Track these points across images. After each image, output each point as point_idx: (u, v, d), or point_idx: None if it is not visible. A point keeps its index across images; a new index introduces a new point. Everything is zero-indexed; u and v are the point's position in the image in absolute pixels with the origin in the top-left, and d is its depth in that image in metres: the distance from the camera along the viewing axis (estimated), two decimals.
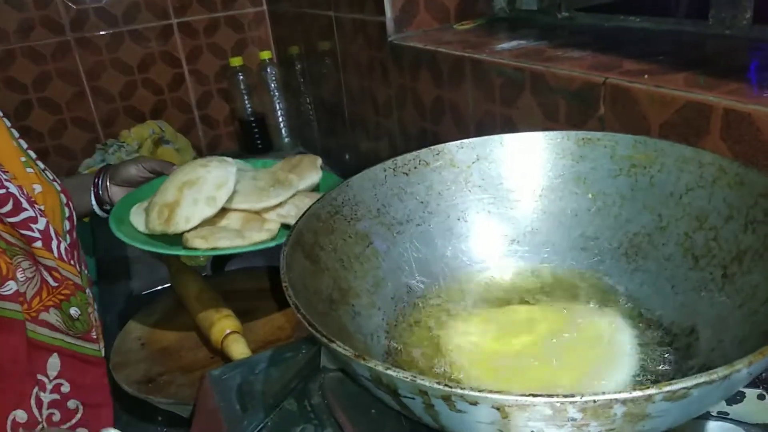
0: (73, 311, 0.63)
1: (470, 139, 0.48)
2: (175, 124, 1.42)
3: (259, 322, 0.73)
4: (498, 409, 0.23)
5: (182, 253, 0.65)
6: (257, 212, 0.70)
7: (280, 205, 0.70)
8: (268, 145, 1.47)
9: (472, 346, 0.39)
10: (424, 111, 0.89)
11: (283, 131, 1.47)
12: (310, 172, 0.75)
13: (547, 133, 0.47)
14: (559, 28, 0.84)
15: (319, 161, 0.77)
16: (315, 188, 0.76)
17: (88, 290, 0.66)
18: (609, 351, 0.37)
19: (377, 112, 1.06)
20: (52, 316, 0.60)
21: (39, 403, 0.58)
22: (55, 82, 1.33)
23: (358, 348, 0.36)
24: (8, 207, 0.57)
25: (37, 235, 0.60)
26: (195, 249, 0.64)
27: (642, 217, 0.42)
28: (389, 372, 0.25)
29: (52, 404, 0.60)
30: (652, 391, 0.21)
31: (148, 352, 0.69)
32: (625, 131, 0.53)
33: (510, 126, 0.69)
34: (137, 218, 0.71)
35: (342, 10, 1.08)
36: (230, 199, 0.68)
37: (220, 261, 0.95)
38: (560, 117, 0.61)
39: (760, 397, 0.34)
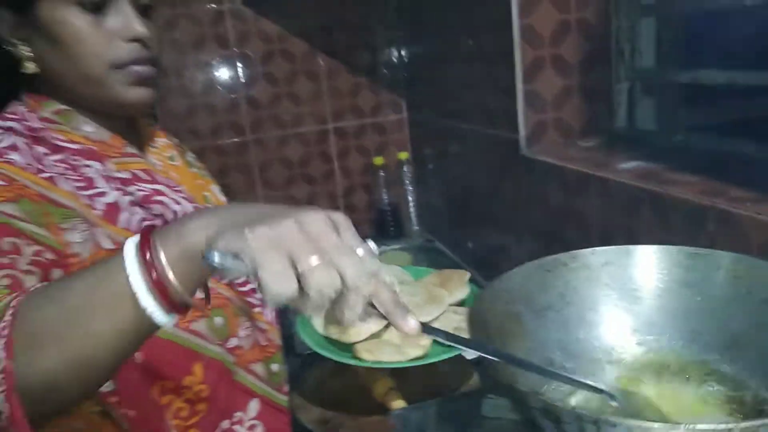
0: (274, 366, 0.80)
1: (602, 248, 0.62)
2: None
3: (408, 383, 0.88)
4: (629, 430, 0.37)
5: (352, 362, 0.79)
6: None
7: (433, 321, 0.82)
8: (399, 231, 1.67)
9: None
10: (550, 215, 1.03)
11: (413, 220, 1.67)
12: (459, 288, 0.87)
13: (663, 247, 0.60)
14: (675, 149, 0.97)
15: (467, 277, 0.89)
16: (462, 303, 0.88)
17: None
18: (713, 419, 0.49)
19: (504, 211, 1.22)
20: (259, 368, 0.78)
21: None
22: (233, 174, 1.64)
23: None
24: (242, 279, 0.78)
25: (257, 302, 0.79)
26: (362, 360, 0.79)
27: (741, 318, 0.54)
28: (557, 404, 0.39)
29: None
30: (732, 425, 0.34)
31: (322, 398, 0.86)
32: (730, 247, 0.65)
33: (630, 234, 0.82)
34: (317, 319, 0.89)
35: (477, 125, 1.28)
36: None
37: None
38: (675, 230, 0.74)
39: None
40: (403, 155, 1.64)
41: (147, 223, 0.69)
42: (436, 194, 1.59)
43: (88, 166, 0.68)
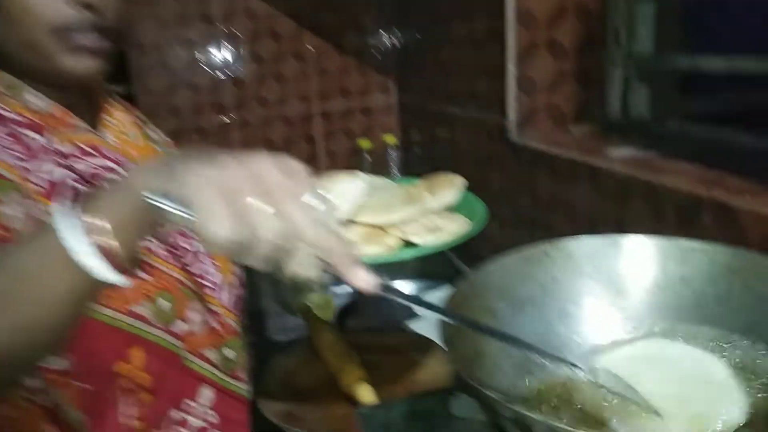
0: (228, 352, 0.75)
1: (587, 237, 0.57)
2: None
3: (382, 373, 0.83)
4: None
5: None
6: (381, 227, 0.69)
7: (405, 222, 0.70)
8: None
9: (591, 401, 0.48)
10: (538, 203, 0.99)
11: None
12: (446, 191, 0.75)
13: (654, 237, 0.56)
14: (669, 138, 0.92)
15: (459, 181, 0.77)
16: (454, 210, 0.75)
17: (245, 337, 0.79)
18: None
19: (491, 198, 1.17)
20: (212, 354, 0.73)
21: (172, 423, 0.67)
22: None
23: None
24: (189, 259, 0.73)
25: (210, 285, 0.74)
26: None
27: (735, 314, 0.50)
28: (530, 414, 0.35)
29: (199, 430, 0.69)
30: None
31: (288, 389, 0.82)
32: (726, 239, 0.60)
33: (619, 224, 0.78)
34: None
35: (466, 109, 1.23)
36: (357, 212, 0.68)
37: (343, 317, 1.08)
38: (667, 221, 0.69)
39: None
40: (390, 139, 1.59)
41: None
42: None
43: (32, 139, 0.64)
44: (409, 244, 0.69)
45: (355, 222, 0.71)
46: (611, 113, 1.07)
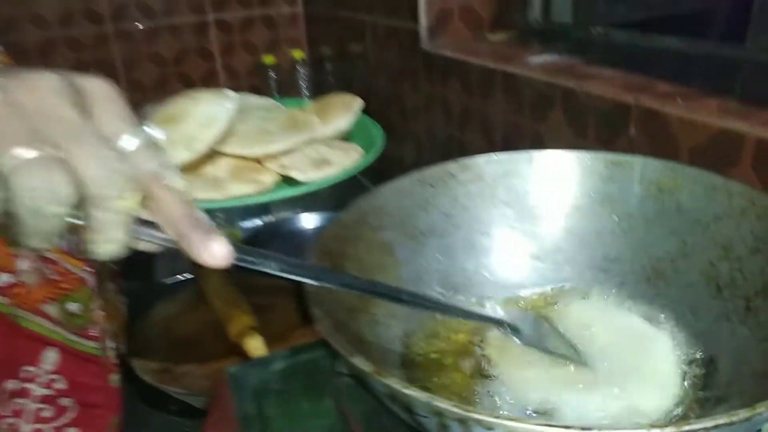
0: (72, 306, 0.62)
1: (498, 155, 0.48)
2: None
3: (276, 318, 0.74)
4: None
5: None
6: (257, 160, 0.59)
7: (286, 153, 0.59)
8: None
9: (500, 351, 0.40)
10: (452, 119, 0.89)
11: None
12: (338, 116, 0.65)
13: (575, 152, 0.47)
14: (593, 44, 0.83)
15: (356, 103, 0.66)
16: (346, 138, 0.64)
17: (111, 284, 0.66)
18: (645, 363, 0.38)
19: (404, 116, 1.07)
20: (52, 309, 0.59)
21: (11, 395, 0.56)
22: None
23: (375, 356, 0.37)
24: None
25: None
26: None
27: (666, 241, 0.42)
28: (406, 391, 0.25)
29: (45, 399, 0.57)
30: (669, 429, 0.21)
31: (167, 341, 0.71)
32: (654, 153, 0.52)
33: (538, 140, 0.69)
34: None
35: (376, 15, 1.09)
36: (225, 141, 0.57)
37: None
38: (589, 134, 0.61)
39: None
40: (298, 54, 1.42)
41: None
42: None
43: None
44: (288, 180, 0.58)
45: (222, 153, 0.58)
46: (532, 18, 0.97)
